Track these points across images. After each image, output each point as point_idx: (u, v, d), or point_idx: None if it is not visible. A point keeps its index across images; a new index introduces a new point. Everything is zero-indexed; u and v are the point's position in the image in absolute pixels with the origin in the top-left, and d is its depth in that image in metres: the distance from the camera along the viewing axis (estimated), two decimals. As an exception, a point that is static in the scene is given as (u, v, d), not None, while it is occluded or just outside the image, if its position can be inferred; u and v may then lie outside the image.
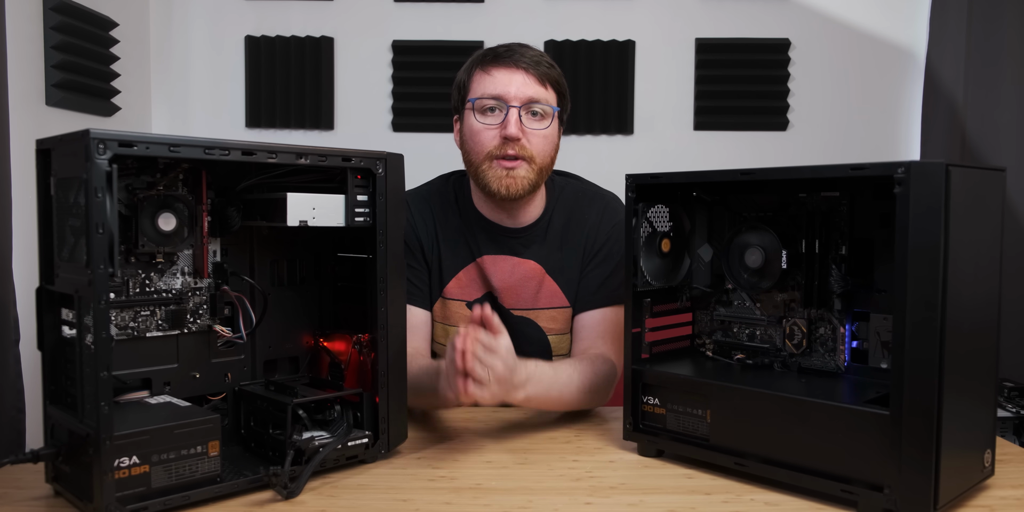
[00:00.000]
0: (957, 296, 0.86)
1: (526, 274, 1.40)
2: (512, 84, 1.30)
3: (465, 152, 1.38)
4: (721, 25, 2.18)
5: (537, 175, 1.34)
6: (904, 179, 0.85)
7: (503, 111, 1.30)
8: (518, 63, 1.31)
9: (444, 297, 1.41)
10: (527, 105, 1.31)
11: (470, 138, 1.34)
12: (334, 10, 2.18)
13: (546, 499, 0.96)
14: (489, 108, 1.31)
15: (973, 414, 0.93)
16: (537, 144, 1.32)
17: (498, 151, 1.31)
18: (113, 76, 1.88)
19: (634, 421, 1.13)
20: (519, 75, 1.31)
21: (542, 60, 1.34)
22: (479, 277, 1.41)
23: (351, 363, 1.13)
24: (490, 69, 1.32)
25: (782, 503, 0.94)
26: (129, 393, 1.01)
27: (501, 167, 1.31)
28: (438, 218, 1.42)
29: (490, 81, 1.31)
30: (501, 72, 1.31)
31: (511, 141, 1.30)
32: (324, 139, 2.19)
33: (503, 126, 1.30)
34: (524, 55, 1.32)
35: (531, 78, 1.31)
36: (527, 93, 1.31)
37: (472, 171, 1.36)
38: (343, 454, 1.04)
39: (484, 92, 1.31)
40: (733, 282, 1.15)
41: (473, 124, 1.33)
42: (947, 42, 2.07)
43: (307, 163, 0.99)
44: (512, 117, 1.29)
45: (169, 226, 1.00)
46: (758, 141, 2.20)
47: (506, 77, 1.31)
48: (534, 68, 1.32)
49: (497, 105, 1.31)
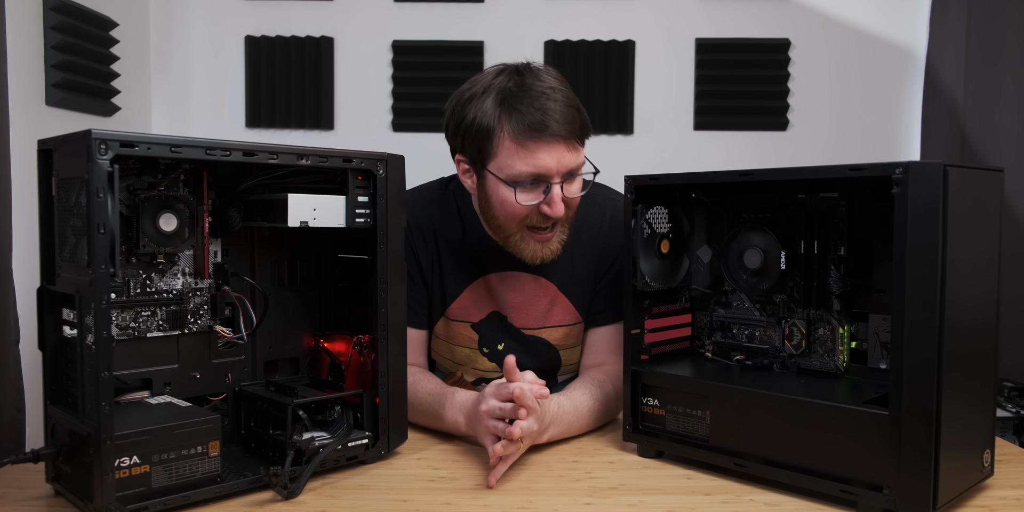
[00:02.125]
0: (956, 296, 0.86)
1: (537, 292, 1.35)
2: (552, 159, 1.17)
3: (490, 215, 1.26)
4: (721, 25, 2.17)
5: (567, 232, 1.29)
6: (902, 180, 0.85)
7: (542, 184, 1.19)
8: (557, 134, 1.16)
9: (447, 317, 1.37)
10: (567, 174, 1.20)
11: (501, 207, 1.23)
12: (334, 10, 2.18)
13: (546, 499, 0.96)
14: (529, 184, 1.19)
15: (972, 414, 0.93)
16: (572, 204, 1.25)
17: (535, 222, 1.23)
18: (113, 76, 1.88)
19: (634, 422, 1.13)
20: (558, 148, 1.17)
21: (574, 118, 1.19)
22: (484, 295, 1.36)
23: (351, 364, 1.14)
24: (528, 144, 1.16)
25: (782, 503, 0.95)
26: (129, 393, 1.02)
27: (536, 241, 1.25)
28: (440, 234, 1.35)
29: (530, 158, 1.17)
30: (541, 149, 1.17)
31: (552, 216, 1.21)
32: (324, 139, 2.19)
33: (546, 203, 1.19)
34: (557, 118, 1.17)
35: (570, 145, 1.19)
36: (569, 163, 1.19)
37: (500, 235, 1.28)
38: (343, 454, 1.04)
39: (523, 169, 1.17)
40: (732, 283, 1.15)
41: (507, 196, 1.20)
42: (947, 42, 2.07)
43: (308, 164, 1.00)
44: (556, 195, 1.18)
45: (170, 226, 1.00)
46: (758, 141, 2.20)
47: (546, 153, 1.17)
48: (571, 134, 1.18)
49: (537, 180, 1.19)
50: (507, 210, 1.22)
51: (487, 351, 1.37)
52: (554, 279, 1.35)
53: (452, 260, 1.35)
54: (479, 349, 1.37)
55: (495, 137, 1.19)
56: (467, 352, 1.37)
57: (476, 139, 1.21)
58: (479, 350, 1.37)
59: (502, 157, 1.19)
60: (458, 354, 1.38)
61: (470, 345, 1.37)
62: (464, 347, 1.37)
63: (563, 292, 1.36)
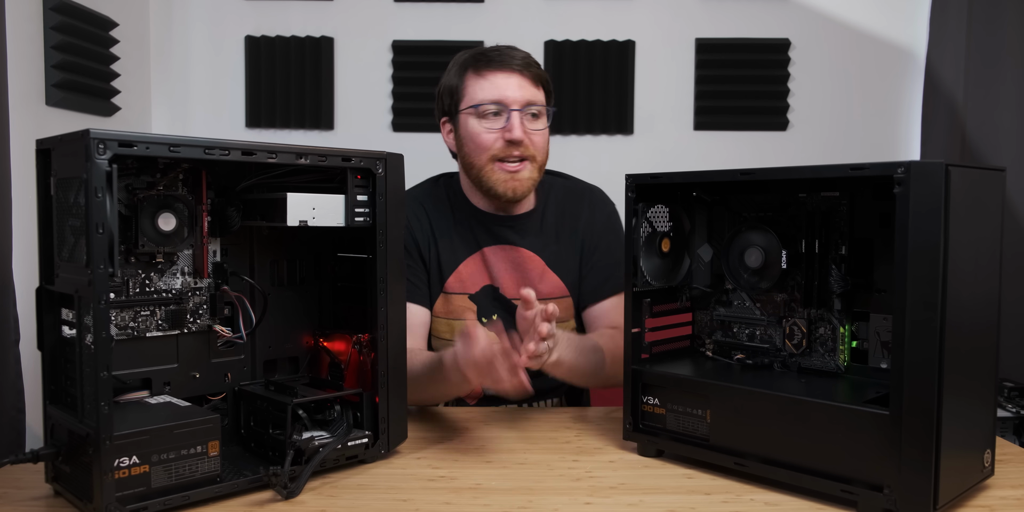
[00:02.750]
0: (957, 296, 0.86)
1: (525, 264, 1.44)
2: (511, 87, 1.33)
3: (464, 155, 1.39)
4: (721, 25, 2.17)
5: (538, 173, 1.39)
6: (904, 179, 0.85)
7: (504, 114, 1.33)
8: (512, 66, 1.34)
9: (446, 292, 1.43)
10: (526, 107, 1.34)
11: (471, 141, 1.36)
12: (334, 10, 2.18)
13: (546, 499, 0.96)
14: (491, 112, 1.34)
15: (973, 414, 0.93)
16: (538, 143, 1.36)
17: (502, 153, 1.34)
18: (113, 76, 1.88)
19: (634, 421, 1.13)
20: (515, 78, 1.34)
21: (532, 61, 1.38)
22: (480, 269, 1.44)
23: (351, 363, 1.13)
24: (485, 73, 1.34)
25: (782, 503, 0.94)
26: (129, 393, 1.02)
27: (504, 171, 1.35)
28: (432, 216, 1.45)
29: (488, 85, 1.34)
30: (498, 76, 1.34)
31: (515, 144, 1.33)
32: (324, 139, 2.19)
33: (507, 130, 1.33)
34: (516, 57, 1.35)
35: (526, 80, 1.35)
36: (526, 96, 1.34)
37: (474, 174, 1.39)
38: (343, 454, 1.04)
39: (484, 97, 1.34)
40: (733, 282, 1.15)
41: (474, 127, 1.35)
42: (947, 42, 2.07)
43: (307, 163, 0.99)
44: (515, 121, 1.32)
45: (169, 226, 1.00)
46: (758, 141, 2.20)
47: (504, 81, 1.34)
48: (527, 70, 1.35)
49: (499, 109, 1.33)
50: (476, 142, 1.35)
51: (486, 321, 1.43)
52: (542, 254, 1.45)
53: (447, 238, 1.44)
54: (478, 319, 1.43)
55: (463, 81, 1.36)
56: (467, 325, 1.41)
57: (449, 93, 1.39)
58: (478, 320, 1.42)
59: (468, 93, 1.36)
60: (459, 328, 1.40)
61: (469, 317, 1.43)
62: (464, 319, 1.43)
63: (550, 267, 1.45)
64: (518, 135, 1.32)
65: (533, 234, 1.46)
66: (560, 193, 1.50)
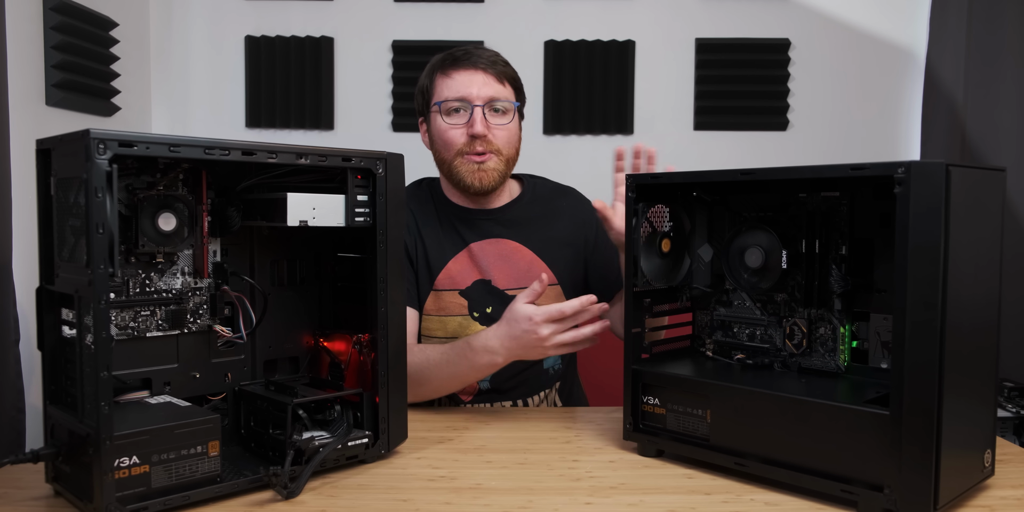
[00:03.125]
0: (957, 296, 0.86)
1: (513, 255, 1.48)
2: (473, 85, 1.39)
3: (436, 151, 1.47)
4: (721, 25, 2.17)
5: (505, 166, 1.44)
6: (904, 179, 0.85)
7: (468, 111, 1.40)
8: (476, 64, 1.41)
9: (436, 289, 1.46)
10: (489, 103, 1.40)
11: (439, 137, 1.43)
12: (334, 10, 2.18)
13: (546, 499, 0.96)
14: (455, 109, 1.41)
15: (973, 414, 0.93)
16: (502, 137, 1.42)
17: (467, 148, 1.40)
18: (113, 76, 1.88)
19: (634, 421, 1.13)
20: (479, 76, 1.40)
21: (498, 60, 1.44)
22: (469, 264, 1.47)
23: (351, 363, 1.13)
24: (451, 73, 1.41)
25: (782, 503, 0.94)
26: (129, 393, 1.01)
27: (472, 161, 1.41)
28: (417, 216, 1.49)
29: (452, 84, 1.40)
30: (462, 74, 1.40)
31: (478, 138, 1.39)
32: (324, 139, 2.19)
33: (469, 125, 1.39)
34: (481, 57, 1.42)
35: (490, 77, 1.41)
36: (488, 92, 1.40)
37: (445, 169, 1.45)
38: (343, 454, 1.04)
39: (448, 95, 1.40)
40: (733, 282, 1.15)
41: (441, 124, 1.42)
42: (947, 42, 2.07)
43: (307, 163, 0.99)
44: (477, 116, 1.39)
45: (169, 226, 1.00)
46: (758, 141, 2.20)
47: (467, 78, 1.40)
48: (491, 68, 1.41)
49: (462, 106, 1.40)
50: (443, 138, 1.42)
51: (477, 315, 1.46)
52: (528, 244, 1.49)
53: (432, 237, 1.47)
54: (469, 315, 1.46)
55: (432, 82, 1.44)
56: (459, 320, 1.46)
57: (421, 93, 1.47)
58: (470, 315, 1.46)
59: (435, 92, 1.43)
60: (450, 325, 1.46)
61: (461, 312, 1.46)
62: (455, 315, 1.45)
63: (539, 257, 1.49)
64: (478, 129, 1.38)
65: (517, 225, 1.50)
66: (543, 191, 1.56)
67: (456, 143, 1.40)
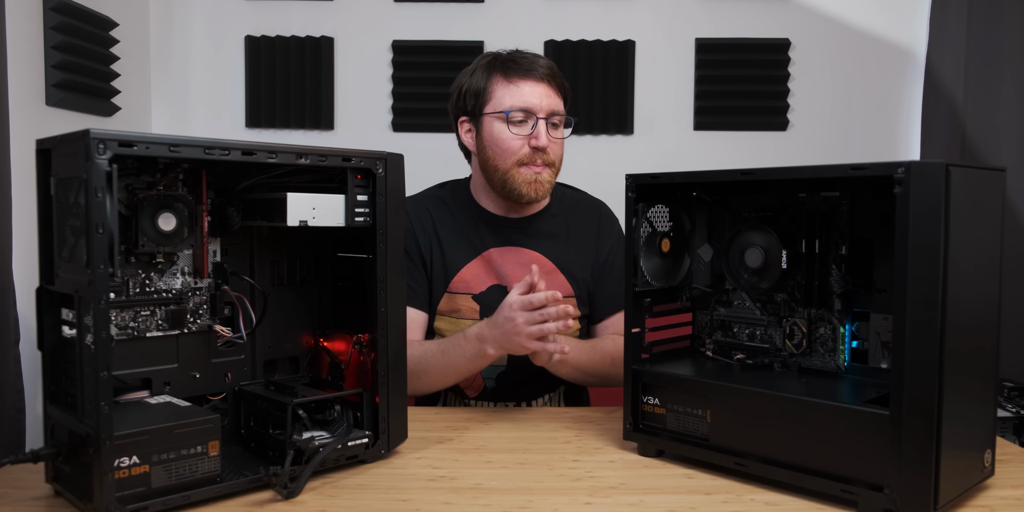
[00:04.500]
0: (957, 296, 0.86)
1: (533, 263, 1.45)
2: (536, 96, 1.39)
3: (487, 157, 1.43)
4: (721, 25, 2.17)
5: (555, 178, 1.46)
6: (904, 179, 0.85)
7: (530, 121, 1.39)
8: (540, 75, 1.39)
9: (450, 291, 1.46)
10: (550, 116, 1.40)
11: (496, 145, 1.41)
12: (334, 10, 2.18)
13: (546, 499, 0.96)
14: (519, 120, 1.39)
15: (973, 414, 0.93)
16: (557, 151, 1.43)
17: (527, 159, 1.40)
18: (113, 76, 1.88)
19: (634, 421, 1.13)
20: (542, 88, 1.39)
21: (555, 70, 1.43)
22: (486, 270, 1.46)
23: (351, 363, 1.13)
24: (515, 79, 1.39)
25: (782, 503, 0.94)
26: (129, 393, 1.01)
27: (531, 171, 1.40)
28: (436, 218, 1.48)
29: (517, 92, 1.39)
30: (527, 83, 1.39)
31: (540, 151, 1.39)
32: (324, 139, 2.19)
33: (533, 137, 1.38)
34: (542, 66, 1.41)
35: (552, 90, 1.41)
36: (551, 106, 1.40)
37: (498, 176, 1.42)
38: (343, 454, 1.04)
39: (513, 104, 1.39)
40: (733, 282, 1.15)
41: (502, 132, 1.40)
42: (947, 42, 2.07)
43: (307, 163, 0.99)
44: (541, 129, 1.38)
45: (169, 226, 1.00)
46: (758, 141, 2.20)
47: (531, 89, 1.39)
48: (553, 80, 1.41)
49: (526, 116, 1.39)
50: (501, 146, 1.40)
51: None
52: (549, 255, 1.48)
53: (451, 239, 1.47)
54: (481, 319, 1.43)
55: (489, 85, 1.41)
56: (469, 324, 1.44)
57: (474, 94, 1.43)
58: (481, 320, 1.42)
59: (495, 97, 1.40)
60: (461, 327, 1.45)
61: (472, 316, 1.46)
62: (467, 319, 1.45)
63: (558, 268, 1.48)
64: (544, 143, 1.38)
65: (541, 236, 1.49)
66: (570, 202, 1.55)
67: (516, 152, 1.39)
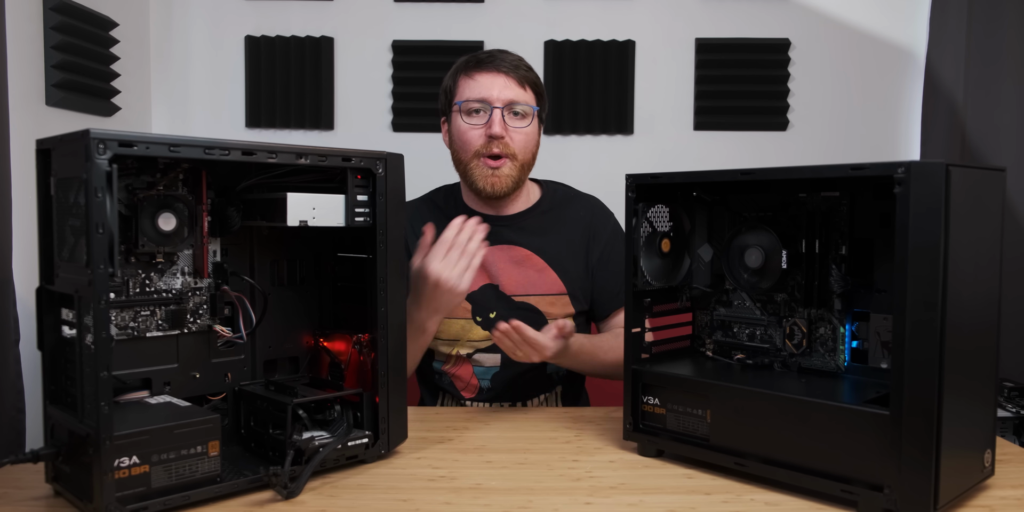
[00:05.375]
0: (957, 296, 0.86)
1: (524, 261, 1.50)
2: (495, 87, 1.42)
3: (454, 151, 1.49)
4: (721, 25, 2.17)
5: (520, 172, 1.45)
6: (904, 179, 0.85)
7: (487, 112, 1.42)
8: (499, 68, 1.43)
9: None
10: (509, 106, 1.42)
11: (458, 137, 1.45)
12: (334, 10, 2.18)
13: (546, 499, 0.96)
14: (475, 110, 1.43)
15: (973, 414, 0.93)
16: (519, 141, 1.44)
17: (484, 149, 1.42)
18: (113, 76, 1.88)
19: (634, 421, 1.13)
20: (500, 79, 1.43)
21: (521, 64, 1.46)
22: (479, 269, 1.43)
23: (351, 363, 1.13)
24: (474, 74, 1.44)
25: (782, 503, 0.94)
26: (129, 393, 1.01)
27: (487, 166, 1.43)
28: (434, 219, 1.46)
29: (475, 85, 1.43)
30: (484, 76, 1.43)
31: (495, 139, 1.41)
32: (324, 139, 2.19)
33: (488, 126, 1.41)
34: (504, 60, 1.44)
35: (511, 81, 1.43)
36: (508, 95, 1.42)
37: (461, 169, 1.47)
38: (343, 454, 1.04)
39: (469, 96, 1.43)
40: (733, 282, 1.15)
41: (460, 124, 1.44)
42: (947, 42, 2.07)
43: (307, 163, 0.99)
44: (496, 117, 1.41)
45: (169, 226, 1.00)
46: (758, 141, 2.20)
47: (489, 81, 1.43)
48: (513, 72, 1.43)
49: (482, 107, 1.42)
50: (461, 138, 1.44)
51: (480, 319, 1.48)
52: (541, 253, 1.50)
53: None
54: (472, 318, 1.48)
55: (456, 83, 1.46)
56: (461, 323, 1.48)
57: (444, 93, 1.49)
58: (472, 319, 1.48)
59: (457, 92, 1.45)
60: (453, 327, 1.48)
61: (464, 316, 1.48)
62: (458, 318, 1.47)
63: (550, 265, 1.50)
64: (496, 130, 1.40)
65: (531, 232, 1.50)
66: (562, 196, 1.57)
67: (474, 143, 1.42)
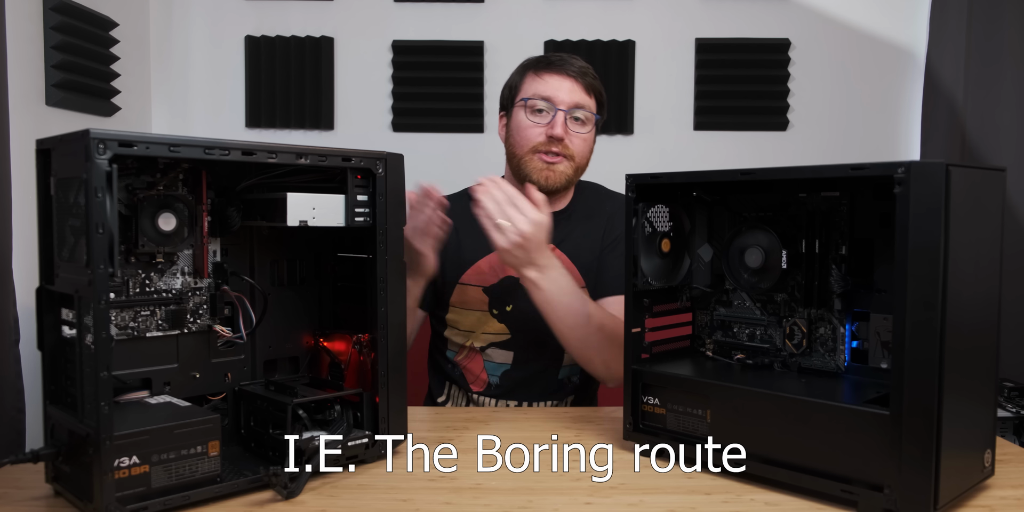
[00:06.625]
0: (957, 296, 0.86)
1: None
2: (562, 89, 1.44)
3: (510, 145, 1.50)
4: (721, 25, 2.18)
5: (574, 173, 1.49)
6: (904, 179, 0.85)
7: (551, 112, 1.44)
8: (568, 71, 1.45)
9: (462, 283, 1.50)
10: (572, 110, 1.45)
11: (517, 132, 1.47)
12: (334, 10, 2.18)
13: (546, 499, 0.96)
14: (538, 109, 1.45)
15: (973, 414, 0.93)
16: (577, 145, 1.46)
17: (543, 147, 1.45)
18: (113, 76, 1.88)
19: (634, 421, 1.13)
20: (568, 82, 1.45)
21: (588, 72, 1.48)
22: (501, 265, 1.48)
23: (351, 363, 1.13)
24: (543, 74, 1.46)
25: (782, 503, 0.94)
26: (129, 393, 1.01)
27: (542, 160, 1.45)
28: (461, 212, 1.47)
29: (542, 84, 1.45)
30: (552, 77, 1.45)
31: (555, 140, 1.43)
32: (324, 139, 2.19)
33: (550, 126, 1.44)
34: (574, 65, 1.47)
35: (578, 86, 1.45)
36: (574, 99, 1.44)
37: (515, 162, 1.49)
38: (343, 454, 1.04)
39: (536, 93, 1.45)
40: (733, 282, 1.15)
41: (522, 120, 1.46)
42: (947, 42, 2.07)
43: (307, 163, 0.99)
44: (559, 119, 1.43)
45: (169, 226, 1.00)
46: (758, 141, 2.20)
47: (557, 82, 1.45)
48: (581, 78, 1.46)
49: (546, 107, 1.44)
50: (521, 133, 1.46)
51: (496, 312, 1.49)
52: (563, 247, 1.51)
53: (471, 233, 1.47)
54: (489, 311, 1.49)
55: (522, 80, 1.49)
56: (478, 315, 1.50)
57: (508, 89, 1.52)
58: (489, 312, 1.49)
59: (523, 89, 1.48)
60: (469, 319, 1.50)
61: (481, 308, 1.50)
62: (475, 310, 1.50)
63: (572, 261, 1.50)
64: (558, 132, 1.42)
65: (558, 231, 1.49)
66: (591, 194, 1.60)
67: (533, 140, 1.44)
